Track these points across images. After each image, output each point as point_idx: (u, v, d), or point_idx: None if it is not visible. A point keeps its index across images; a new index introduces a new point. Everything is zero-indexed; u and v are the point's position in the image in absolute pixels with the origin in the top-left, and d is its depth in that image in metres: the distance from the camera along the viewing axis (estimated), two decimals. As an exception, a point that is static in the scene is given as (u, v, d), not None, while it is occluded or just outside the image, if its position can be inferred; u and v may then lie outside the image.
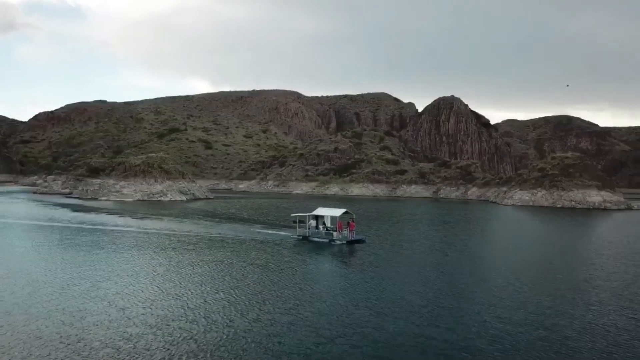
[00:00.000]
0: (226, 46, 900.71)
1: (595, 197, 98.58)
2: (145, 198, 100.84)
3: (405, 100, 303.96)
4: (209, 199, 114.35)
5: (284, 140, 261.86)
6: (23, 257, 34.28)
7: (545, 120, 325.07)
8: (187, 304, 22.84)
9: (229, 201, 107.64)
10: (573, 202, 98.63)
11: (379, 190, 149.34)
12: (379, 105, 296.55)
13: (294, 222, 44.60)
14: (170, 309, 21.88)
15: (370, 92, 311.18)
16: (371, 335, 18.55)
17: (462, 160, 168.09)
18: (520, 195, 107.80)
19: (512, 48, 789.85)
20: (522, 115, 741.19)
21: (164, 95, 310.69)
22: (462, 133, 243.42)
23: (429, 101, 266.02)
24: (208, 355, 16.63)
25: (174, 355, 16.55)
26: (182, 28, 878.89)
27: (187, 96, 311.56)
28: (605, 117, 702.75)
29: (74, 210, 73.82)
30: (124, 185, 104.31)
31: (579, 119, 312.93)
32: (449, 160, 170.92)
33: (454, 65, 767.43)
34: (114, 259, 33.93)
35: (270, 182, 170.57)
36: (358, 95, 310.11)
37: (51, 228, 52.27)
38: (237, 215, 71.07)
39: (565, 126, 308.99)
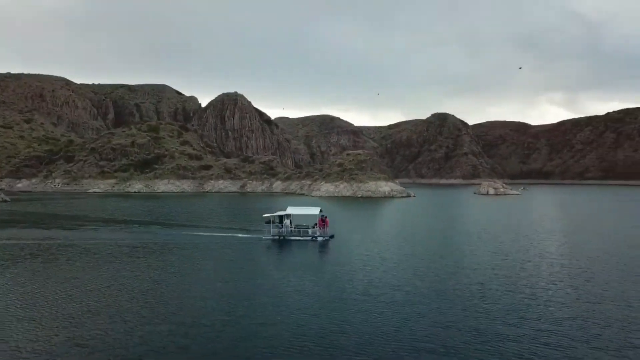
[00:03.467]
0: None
1: (384, 187, 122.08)
2: None
3: (187, 94, 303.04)
4: (6, 201, 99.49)
5: (53, 132, 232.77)
6: None
7: (312, 119, 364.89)
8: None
9: (48, 203, 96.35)
10: (369, 192, 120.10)
11: (186, 186, 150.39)
12: (160, 97, 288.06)
13: (267, 222, 44.46)
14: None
15: (150, 82, 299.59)
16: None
17: (263, 156, 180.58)
18: (327, 187, 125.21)
19: (271, 50, 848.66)
20: (289, 113, 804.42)
21: None
22: (247, 129, 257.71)
23: (210, 96, 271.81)
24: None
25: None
26: None
27: None
28: (352, 116, 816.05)
29: None
30: None
31: (339, 118, 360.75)
32: (251, 155, 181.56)
33: (232, 62, 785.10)
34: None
35: (58, 180, 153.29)
36: (137, 85, 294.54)
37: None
38: (127, 219, 65.94)
39: (328, 125, 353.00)
